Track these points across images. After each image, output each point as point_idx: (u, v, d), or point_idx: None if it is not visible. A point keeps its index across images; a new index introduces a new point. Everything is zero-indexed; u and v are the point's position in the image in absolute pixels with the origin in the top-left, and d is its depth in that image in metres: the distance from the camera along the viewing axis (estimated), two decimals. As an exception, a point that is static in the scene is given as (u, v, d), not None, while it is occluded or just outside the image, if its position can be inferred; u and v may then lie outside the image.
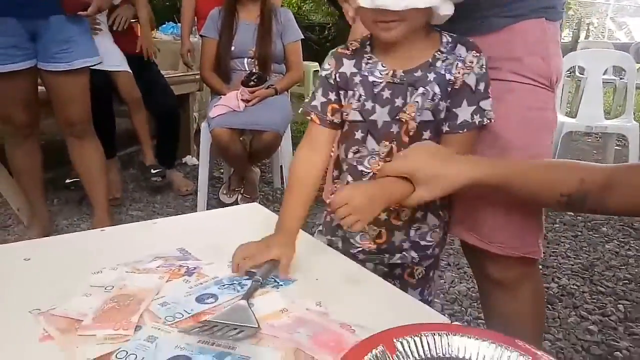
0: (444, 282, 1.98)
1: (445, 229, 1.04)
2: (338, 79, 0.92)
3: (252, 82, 2.47)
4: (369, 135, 0.94)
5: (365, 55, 0.91)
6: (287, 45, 2.62)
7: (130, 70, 2.73)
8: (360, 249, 1.01)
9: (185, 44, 3.07)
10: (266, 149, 2.51)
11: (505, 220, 0.97)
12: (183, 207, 2.76)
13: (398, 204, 0.87)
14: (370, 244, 1.00)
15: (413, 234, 0.99)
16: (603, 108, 3.28)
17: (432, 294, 1.12)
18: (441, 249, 1.06)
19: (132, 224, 0.99)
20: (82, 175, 2.22)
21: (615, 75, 5.21)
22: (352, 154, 0.97)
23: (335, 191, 0.91)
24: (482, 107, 0.89)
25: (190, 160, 3.54)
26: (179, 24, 3.60)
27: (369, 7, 0.79)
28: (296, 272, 0.76)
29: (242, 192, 2.76)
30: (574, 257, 2.24)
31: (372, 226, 0.99)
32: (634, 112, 3.47)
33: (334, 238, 1.04)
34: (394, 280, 1.04)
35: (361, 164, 0.96)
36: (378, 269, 1.02)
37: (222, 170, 3.20)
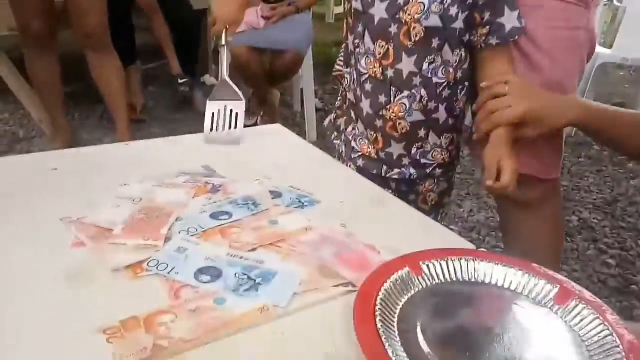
0: (463, 210, 1.99)
1: (451, 152, 1.02)
2: None
3: (272, -2, 2.37)
4: (366, 31, 0.91)
5: None
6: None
7: None
8: (360, 153, 1.01)
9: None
10: (287, 69, 2.45)
11: (527, 142, 0.95)
12: (203, 127, 2.75)
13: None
14: (368, 147, 1.00)
15: (414, 151, 0.98)
16: (641, 39, 3.12)
17: (445, 220, 1.14)
18: (445, 172, 1.04)
19: (156, 140, 0.99)
20: (102, 89, 2.22)
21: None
22: (353, 47, 0.95)
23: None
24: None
25: (209, 79, 3.48)
26: None
27: None
28: (319, 194, 0.76)
29: (261, 114, 2.74)
30: (597, 192, 2.21)
31: (369, 130, 0.99)
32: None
33: (337, 141, 1.04)
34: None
35: (359, 63, 0.94)
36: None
37: (241, 92, 3.15)
